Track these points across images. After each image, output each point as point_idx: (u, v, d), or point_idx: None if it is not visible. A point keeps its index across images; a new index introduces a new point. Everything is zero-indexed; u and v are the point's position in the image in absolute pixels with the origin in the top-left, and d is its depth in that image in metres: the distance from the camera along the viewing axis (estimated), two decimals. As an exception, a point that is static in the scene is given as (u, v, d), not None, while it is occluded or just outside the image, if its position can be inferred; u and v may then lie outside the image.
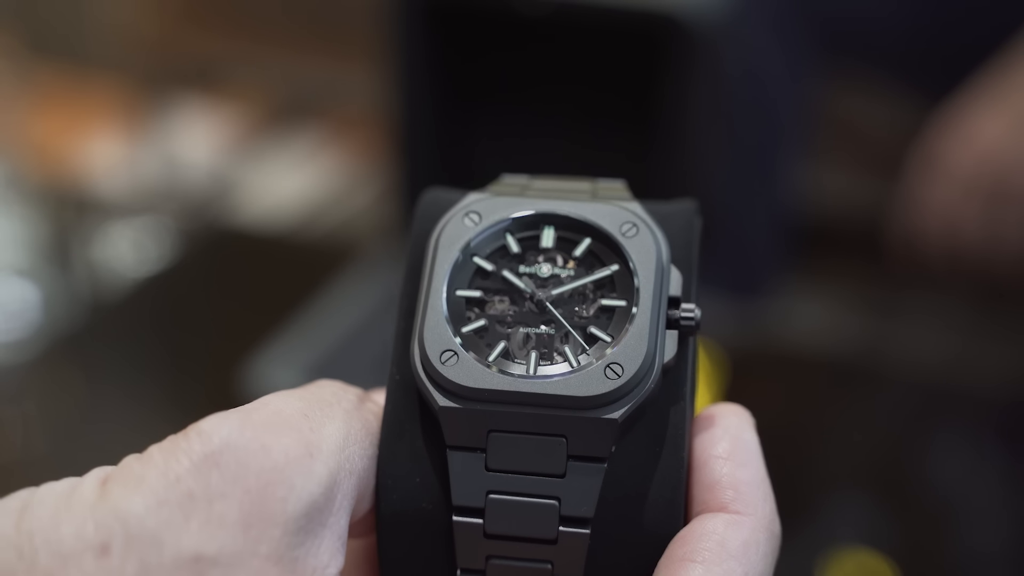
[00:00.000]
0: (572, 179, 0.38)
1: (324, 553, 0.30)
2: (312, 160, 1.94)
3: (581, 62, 1.11)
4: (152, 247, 1.20)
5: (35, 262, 1.17)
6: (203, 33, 2.08)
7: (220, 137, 1.97)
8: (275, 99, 2.05)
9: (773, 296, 1.32)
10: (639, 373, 0.32)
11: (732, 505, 0.33)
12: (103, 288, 1.16)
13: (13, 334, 1.06)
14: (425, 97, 1.11)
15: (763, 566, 0.32)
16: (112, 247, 1.21)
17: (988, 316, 1.42)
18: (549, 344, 0.34)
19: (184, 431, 0.30)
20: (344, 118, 1.97)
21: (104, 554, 0.28)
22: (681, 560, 0.32)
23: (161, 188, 1.77)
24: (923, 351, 1.33)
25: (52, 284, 1.13)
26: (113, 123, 1.96)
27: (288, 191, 1.85)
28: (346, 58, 1.89)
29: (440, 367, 0.33)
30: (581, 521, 0.32)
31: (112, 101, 1.98)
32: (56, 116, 1.89)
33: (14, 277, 1.14)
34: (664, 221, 0.36)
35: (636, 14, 1.01)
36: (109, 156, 1.87)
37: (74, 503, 0.28)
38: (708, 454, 0.34)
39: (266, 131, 1.98)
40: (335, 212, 1.74)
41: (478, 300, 0.35)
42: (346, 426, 0.32)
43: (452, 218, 0.35)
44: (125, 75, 2.03)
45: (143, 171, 1.81)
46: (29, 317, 1.08)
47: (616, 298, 0.34)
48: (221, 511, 0.28)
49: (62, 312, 1.10)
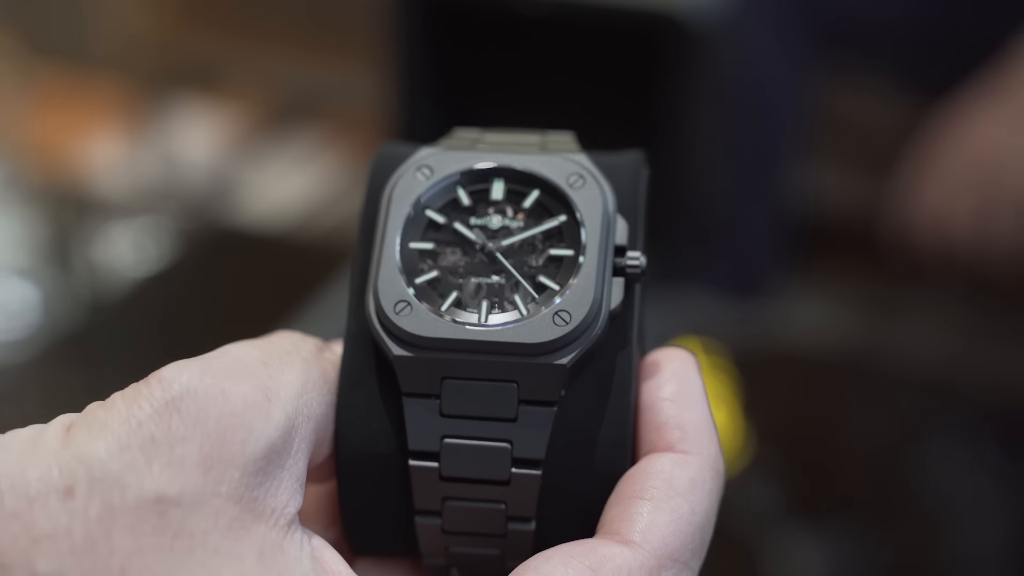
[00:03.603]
0: (522, 131, 0.39)
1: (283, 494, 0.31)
2: (312, 160, 1.94)
3: (581, 62, 1.11)
4: (152, 247, 1.20)
5: (35, 262, 1.17)
6: (203, 33, 2.08)
7: (220, 137, 1.97)
8: (275, 99, 2.05)
9: (773, 296, 1.32)
10: (586, 320, 0.33)
11: (679, 445, 0.34)
12: (103, 288, 1.16)
13: (13, 334, 1.06)
14: (425, 97, 1.11)
15: (708, 503, 0.33)
16: (112, 247, 1.21)
17: (988, 316, 1.42)
18: (500, 293, 0.35)
19: (146, 379, 0.31)
20: (344, 118, 1.97)
21: (68, 496, 0.28)
22: (630, 498, 0.33)
23: (161, 188, 1.77)
24: (923, 351, 1.33)
25: (52, 284, 1.13)
26: (113, 123, 1.96)
27: (288, 191, 1.85)
28: (346, 58, 1.89)
29: (394, 317, 0.34)
30: (532, 463, 0.34)
31: (112, 101, 1.98)
32: (56, 116, 1.89)
33: (14, 277, 1.14)
34: (611, 172, 0.37)
35: (636, 14, 1.01)
36: (109, 156, 1.87)
37: (39, 448, 0.29)
38: (655, 396, 0.35)
39: (266, 131, 1.98)
40: (335, 212, 1.74)
41: (431, 252, 0.35)
42: (304, 373, 0.33)
43: (404, 173, 0.36)
44: (125, 75, 2.03)
45: (143, 171, 1.81)
46: (29, 317, 1.08)
47: (564, 248, 0.35)
48: (182, 454, 0.29)
49: (62, 312, 1.10)
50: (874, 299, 1.58)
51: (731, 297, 1.24)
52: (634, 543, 0.32)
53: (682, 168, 1.06)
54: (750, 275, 1.32)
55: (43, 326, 1.08)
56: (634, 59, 1.07)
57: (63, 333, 1.08)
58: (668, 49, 1.02)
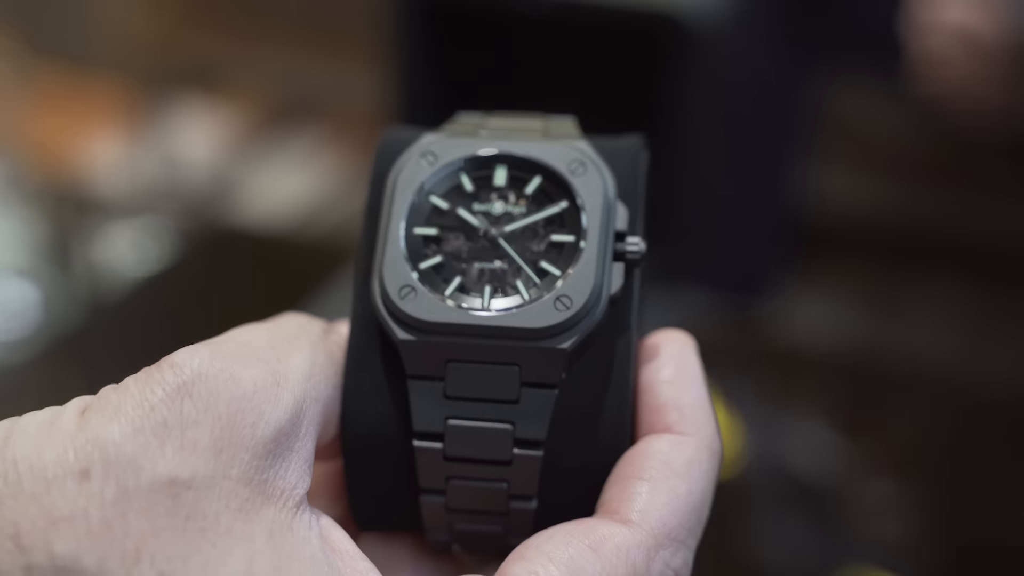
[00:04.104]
0: (524, 116, 0.39)
1: (292, 475, 0.32)
2: (312, 160, 1.94)
3: (581, 62, 1.11)
4: (152, 247, 1.20)
5: (35, 262, 1.17)
6: (203, 33, 2.08)
7: (220, 137, 1.97)
8: (275, 99, 2.05)
9: (774, 296, 1.32)
10: (587, 305, 0.34)
11: (676, 426, 0.35)
12: (103, 288, 1.16)
13: (13, 334, 1.06)
14: (425, 97, 1.11)
15: (705, 482, 0.34)
16: (112, 247, 1.21)
17: (989, 316, 1.42)
18: (502, 278, 0.35)
19: (157, 363, 0.32)
20: (344, 118, 1.97)
21: (84, 479, 0.29)
22: (629, 478, 0.34)
23: (161, 188, 1.77)
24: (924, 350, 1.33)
25: (52, 284, 1.13)
26: (113, 123, 1.96)
27: (288, 191, 1.85)
28: (346, 58, 1.89)
29: (399, 302, 0.34)
30: (534, 444, 0.34)
31: (112, 101, 1.98)
32: (56, 116, 1.89)
33: (14, 277, 1.14)
34: (611, 158, 0.38)
35: (636, 14, 1.01)
36: (109, 156, 1.87)
37: (55, 432, 0.30)
38: (653, 379, 0.36)
39: (266, 131, 1.98)
40: (335, 212, 1.74)
41: (435, 237, 0.36)
42: (311, 356, 0.34)
43: (409, 159, 0.37)
44: (125, 75, 2.03)
45: (143, 171, 1.81)
46: (29, 317, 1.08)
47: (565, 233, 0.36)
48: (194, 438, 0.30)
49: (62, 312, 1.10)
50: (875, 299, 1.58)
51: (732, 296, 1.24)
52: (632, 522, 0.33)
53: (683, 168, 1.06)
54: (751, 275, 1.32)
55: (43, 326, 1.08)
56: (634, 59, 1.07)
57: (63, 333, 1.08)
58: (668, 49, 1.02)
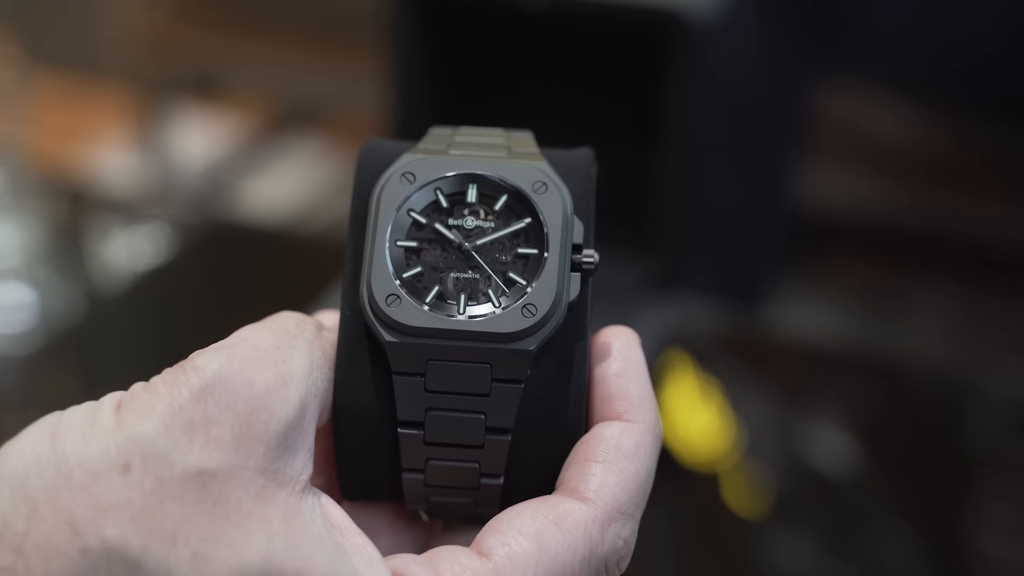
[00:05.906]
0: (488, 131, 0.45)
1: (298, 463, 0.36)
2: (313, 165, 1.94)
3: (580, 61, 1.11)
4: (151, 252, 1.20)
5: (35, 263, 1.18)
6: (205, 40, 2.08)
7: (221, 143, 1.97)
8: (276, 106, 2.06)
9: (773, 296, 1.32)
10: (550, 312, 0.40)
11: (625, 415, 0.40)
12: (102, 289, 1.16)
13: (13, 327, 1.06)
14: (425, 97, 1.11)
15: (650, 463, 0.40)
16: (112, 249, 1.21)
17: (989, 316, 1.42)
18: (475, 287, 0.41)
19: (180, 365, 0.36)
20: (346, 124, 1.97)
21: (126, 471, 0.34)
22: (584, 460, 0.39)
23: (162, 194, 1.77)
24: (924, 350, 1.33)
25: (52, 285, 1.14)
26: (114, 129, 1.97)
27: (288, 196, 1.85)
28: (348, 65, 1.89)
29: (386, 308, 0.40)
30: (503, 430, 0.40)
31: (113, 107, 1.99)
32: (58, 121, 1.89)
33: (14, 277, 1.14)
34: (566, 174, 0.42)
35: (636, 12, 1.01)
36: (110, 162, 1.88)
37: (97, 429, 0.34)
38: (605, 372, 0.41)
39: (267, 137, 1.98)
40: (335, 209, 1.74)
41: (415, 249, 0.41)
42: (310, 355, 0.39)
43: (391, 178, 0.42)
44: (127, 80, 2.04)
45: (144, 177, 1.82)
46: (27, 319, 1.08)
47: (530, 247, 0.41)
48: (217, 434, 0.35)
49: (60, 314, 1.10)
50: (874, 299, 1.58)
51: (731, 297, 1.24)
52: (589, 499, 0.38)
53: (682, 168, 1.07)
54: (750, 275, 1.32)
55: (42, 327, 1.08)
56: (634, 58, 1.07)
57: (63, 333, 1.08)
58: (668, 48, 1.02)
